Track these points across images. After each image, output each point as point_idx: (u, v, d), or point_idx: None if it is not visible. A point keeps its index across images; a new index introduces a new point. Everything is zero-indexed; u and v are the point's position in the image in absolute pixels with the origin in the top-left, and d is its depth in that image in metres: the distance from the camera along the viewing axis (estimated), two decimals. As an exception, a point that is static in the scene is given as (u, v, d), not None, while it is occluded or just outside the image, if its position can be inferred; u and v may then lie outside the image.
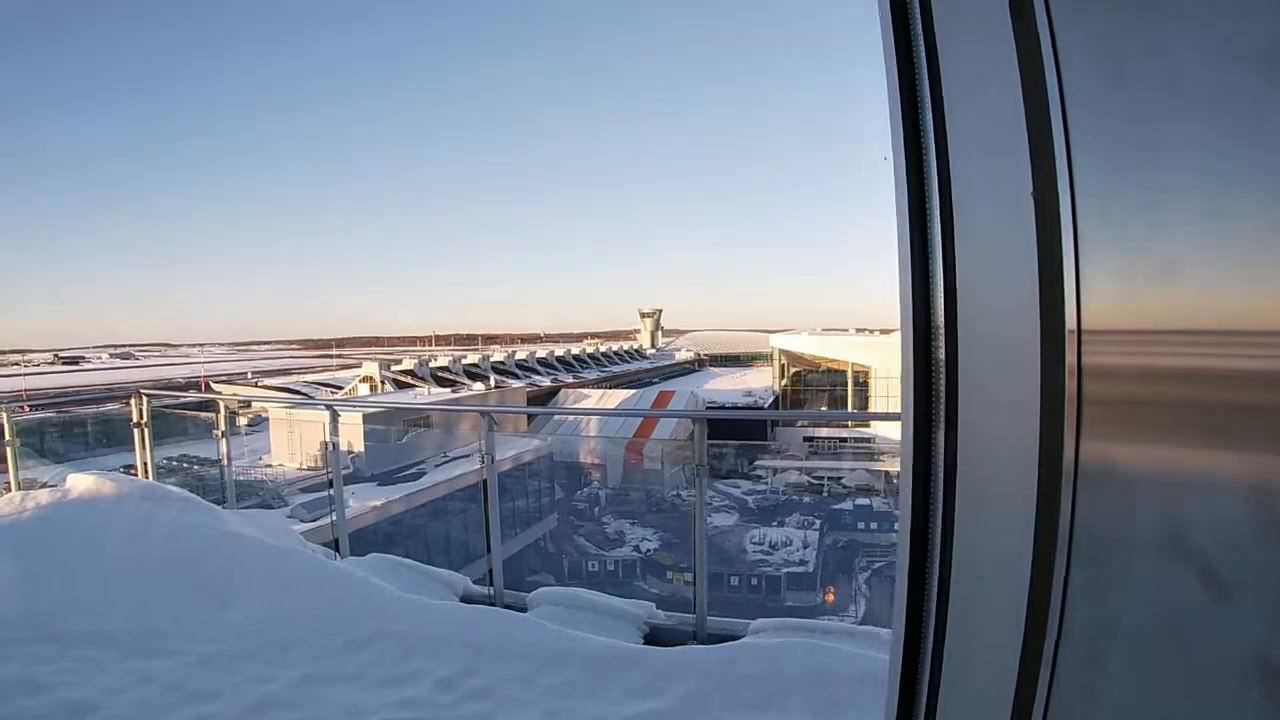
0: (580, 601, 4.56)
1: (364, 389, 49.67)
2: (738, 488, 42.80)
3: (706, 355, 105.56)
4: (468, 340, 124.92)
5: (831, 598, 31.65)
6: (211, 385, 59.67)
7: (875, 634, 3.84)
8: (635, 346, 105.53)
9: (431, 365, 57.83)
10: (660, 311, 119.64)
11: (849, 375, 60.82)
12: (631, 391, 57.52)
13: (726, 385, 71.37)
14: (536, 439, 26.54)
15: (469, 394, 43.61)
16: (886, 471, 48.19)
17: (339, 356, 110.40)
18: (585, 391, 57.78)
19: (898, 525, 1.16)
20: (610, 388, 61.57)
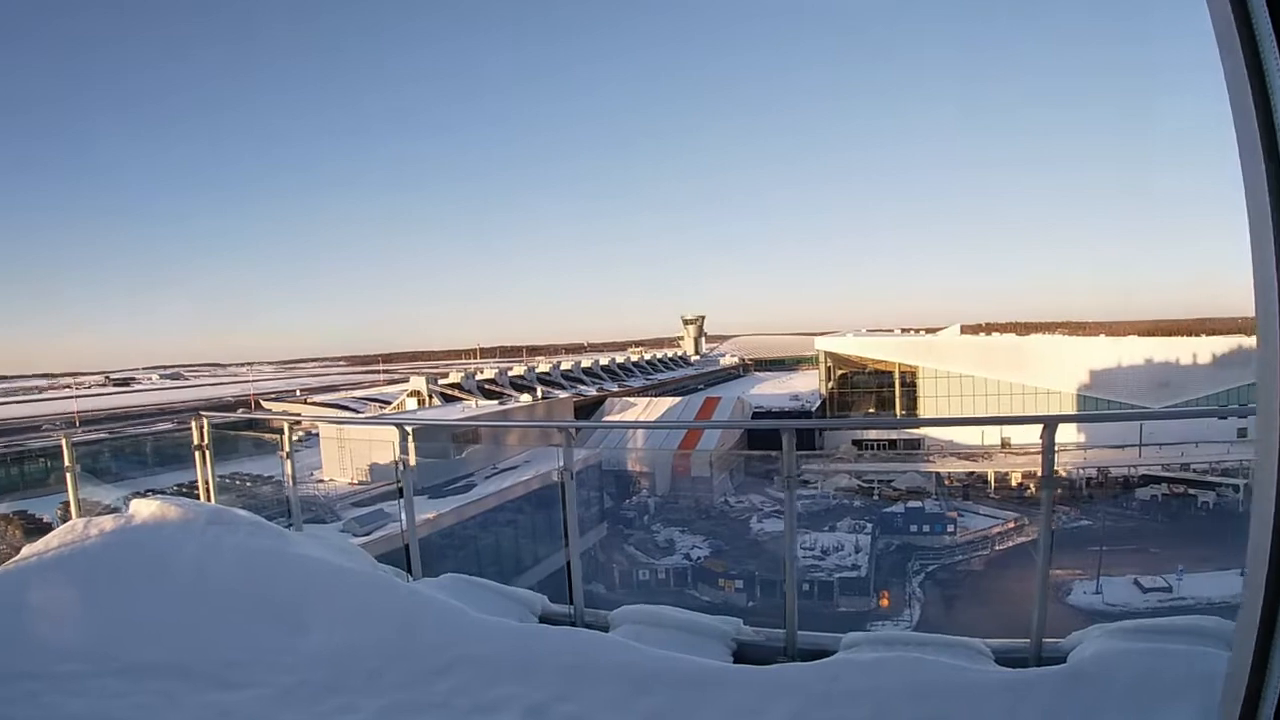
0: (664, 619, 4.38)
1: (411, 403, 50.34)
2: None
3: (750, 360, 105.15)
4: (512, 352, 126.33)
5: (885, 602, 31.17)
6: (261, 403, 61.25)
7: (970, 644, 3.65)
8: (679, 354, 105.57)
9: (478, 378, 58.44)
10: (703, 318, 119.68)
11: (895, 376, 59.87)
12: (677, 399, 57.27)
13: (772, 390, 70.83)
14: (585, 449, 26.50)
15: (516, 405, 43.84)
16: (937, 473, 47.39)
17: (385, 371, 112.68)
18: (631, 400, 57.81)
19: (1251, 533, 1.07)
20: (656, 396, 61.44)
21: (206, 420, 6.52)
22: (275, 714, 3.61)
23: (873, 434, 53.55)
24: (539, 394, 54.81)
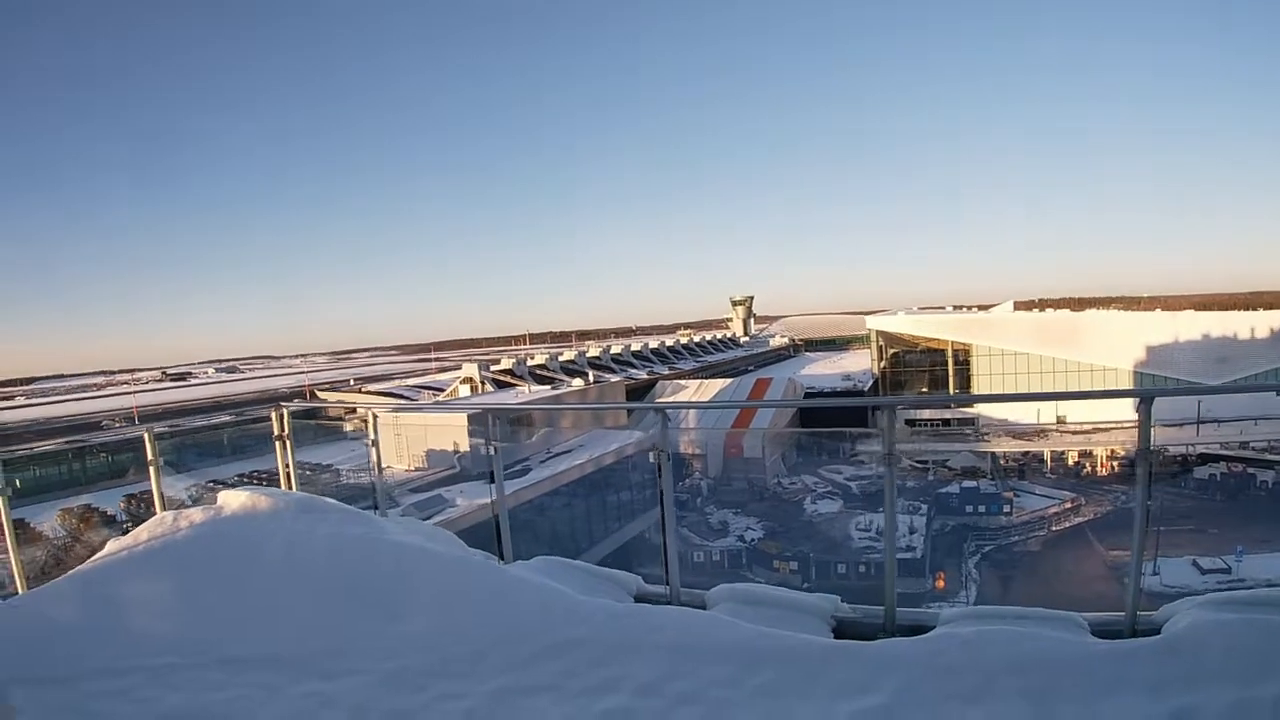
0: (762, 597, 4.37)
1: (464, 390, 51.11)
2: (840, 473, 41.84)
3: (800, 340, 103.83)
4: (561, 338, 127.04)
5: (941, 584, 30.63)
6: (316, 394, 62.75)
7: (1068, 617, 3.68)
8: (728, 335, 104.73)
9: (529, 364, 58.93)
10: (751, 299, 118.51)
11: (949, 354, 58.59)
12: (728, 381, 56.93)
13: (824, 370, 69.97)
14: (638, 432, 26.51)
15: (568, 390, 44.11)
16: (993, 452, 46.25)
17: (437, 360, 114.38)
18: (682, 383, 57.77)
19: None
20: (707, 378, 61.19)
21: (286, 410, 6.55)
22: (379, 700, 3.57)
23: (926, 413, 52.51)
24: (590, 378, 55.09)
